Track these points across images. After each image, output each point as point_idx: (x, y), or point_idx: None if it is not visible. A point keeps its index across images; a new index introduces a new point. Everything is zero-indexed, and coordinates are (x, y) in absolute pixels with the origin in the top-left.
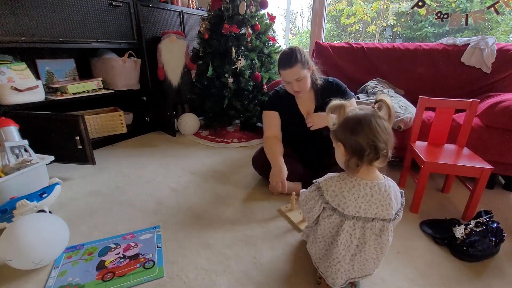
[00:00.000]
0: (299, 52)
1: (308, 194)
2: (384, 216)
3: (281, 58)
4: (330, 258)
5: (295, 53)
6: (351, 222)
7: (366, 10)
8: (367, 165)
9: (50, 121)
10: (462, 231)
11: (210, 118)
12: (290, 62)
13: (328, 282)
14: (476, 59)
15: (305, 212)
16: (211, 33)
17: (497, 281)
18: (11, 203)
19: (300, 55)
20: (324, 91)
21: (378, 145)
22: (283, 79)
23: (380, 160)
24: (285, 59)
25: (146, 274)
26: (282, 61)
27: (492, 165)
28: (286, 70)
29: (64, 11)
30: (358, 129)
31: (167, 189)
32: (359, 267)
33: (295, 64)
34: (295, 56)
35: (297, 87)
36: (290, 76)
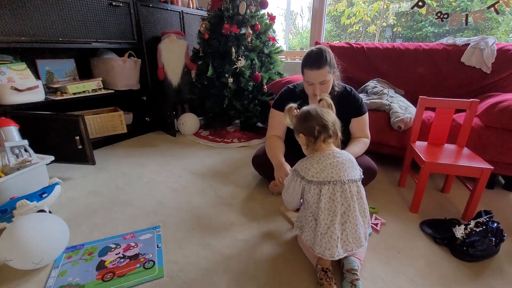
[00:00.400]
0: (329, 54)
1: (288, 180)
2: (355, 176)
3: (310, 57)
4: (320, 229)
5: (325, 54)
6: (328, 186)
7: (366, 11)
8: (323, 143)
9: (50, 121)
10: (462, 231)
11: (210, 118)
12: (320, 63)
13: (326, 257)
14: (476, 59)
15: (289, 197)
16: (211, 33)
17: (497, 281)
18: (11, 203)
19: (329, 57)
20: (340, 99)
21: (326, 125)
22: (307, 79)
23: (332, 138)
24: (314, 59)
25: (146, 274)
26: (311, 61)
27: (492, 165)
28: (313, 71)
29: (64, 11)
30: (308, 117)
31: (167, 189)
32: (352, 236)
33: (324, 65)
34: (325, 57)
35: (318, 90)
36: (316, 78)
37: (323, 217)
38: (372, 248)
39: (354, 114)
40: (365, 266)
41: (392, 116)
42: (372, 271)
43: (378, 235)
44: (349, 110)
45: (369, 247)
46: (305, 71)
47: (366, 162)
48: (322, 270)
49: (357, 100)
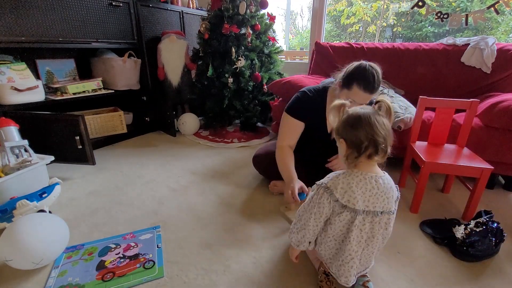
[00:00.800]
0: (380, 76)
1: (313, 200)
2: (389, 208)
3: (367, 77)
4: (343, 256)
5: (379, 77)
6: (361, 217)
7: (366, 10)
8: (367, 159)
9: (50, 121)
10: (462, 231)
11: (210, 118)
12: (375, 87)
13: (341, 281)
14: (476, 59)
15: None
16: (211, 33)
17: (497, 281)
18: (11, 203)
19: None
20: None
21: (377, 140)
22: (352, 97)
23: (379, 155)
24: (372, 80)
25: (146, 274)
26: (368, 81)
27: (492, 165)
28: (366, 93)
29: (64, 11)
30: (357, 125)
31: (167, 189)
32: (365, 261)
33: (377, 90)
34: (379, 81)
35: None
36: (365, 100)
37: (350, 248)
38: None
39: None
40: None
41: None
42: (372, 271)
43: None
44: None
45: None
46: (356, 88)
47: None
48: (324, 273)
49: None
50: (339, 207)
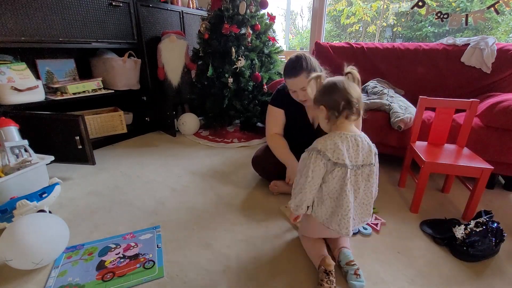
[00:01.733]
0: (305, 60)
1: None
2: (370, 161)
3: (286, 66)
4: (341, 209)
5: (301, 61)
6: (352, 170)
7: (366, 10)
8: (345, 119)
9: (50, 121)
10: (462, 231)
11: (210, 118)
12: (295, 71)
13: (342, 234)
14: (476, 59)
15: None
16: (211, 33)
17: (497, 281)
18: (11, 203)
19: (306, 63)
20: None
21: (351, 100)
22: (288, 87)
23: (354, 114)
24: (290, 68)
25: (146, 274)
26: (287, 70)
27: (492, 165)
28: (290, 79)
29: (64, 11)
30: (334, 89)
31: (167, 189)
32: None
33: (300, 73)
34: (300, 64)
35: (302, 96)
36: (295, 85)
37: (347, 200)
38: (372, 248)
39: None
40: (365, 266)
41: (392, 116)
42: (372, 271)
43: (378, 235)
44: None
45: (369, 247)
46: (286, 79)
47: None
48: (324, 271)
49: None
50: (331, 165)
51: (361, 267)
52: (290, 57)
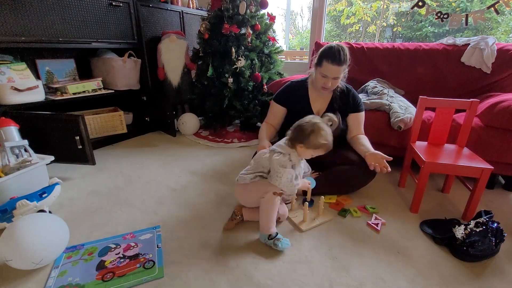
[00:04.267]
0: (348, 53)
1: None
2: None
3: (333, 52)
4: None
5: (346, 52)
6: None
7: (366, 10)
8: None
9: (50, 121)
10: (462, 231)
11: (210, 118)
12: (341, 60)
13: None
14: (476, 59)
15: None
16: (211, 33)
17: (497, 281)
18: (11, 203)
19: (348, 57)
20: (341, 95)
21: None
22: (323, 72)
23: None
24: (338, 55)
25: (146, 274)
26: (334, 56)
27: (492, 165)
28: (334, 66)
29: (64, 11)
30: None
31: (167, 189)
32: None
33: (344, 63)
34: (346, 55)
35: (329, 84)
36: (334, 72)
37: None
38: (372, 248)
39: (352, 110)
40: (365, 266)
41: (392, 116)
42: (372, 271)
43: (378, 235)
44: (348, 105)
45: (369, 247)
46: (325, 63)
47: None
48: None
49: (356, 98)
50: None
51: (361, 267)
52: (332, 45)
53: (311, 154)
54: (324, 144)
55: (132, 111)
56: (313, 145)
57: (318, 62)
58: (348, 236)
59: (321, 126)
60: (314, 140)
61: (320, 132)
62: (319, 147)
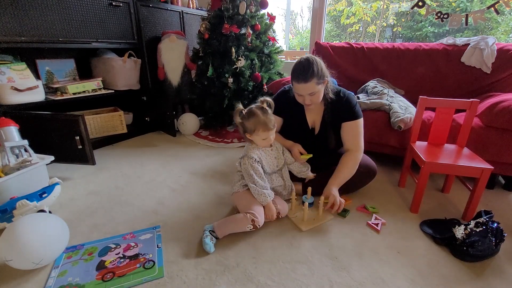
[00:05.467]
0: (316, 65)
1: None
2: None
3: (296, 70)
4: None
5: (312, 66)
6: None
7: (366, 10)
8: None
9: (50, 121)
10: (462, 231)
11: (210, 118)
12: (306, 77)
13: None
14: (476, 59)
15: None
16: (211, 33)
17: (497, 281)
18: (11, 203)
19: (317, 69)
20: (333, 105)
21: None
22: (295, 91)
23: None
24: (300, 72)
25: (146, 274)
26: (297, 74)
27: (492, 165)
28: (299, 84)
29: (64, 11)
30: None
31: (167, 189)
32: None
33: (311, 79)
34: (311, 70)
35: (308, 101)
36: (303, 91)
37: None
38: (372, 248)
39: (346, 118)
40: (365, 266)
41: (392, 116)
42: (372, 271)
43: (378, 235)
44: (341, 114)
45: (369, 247)
46: (293, 83)
47: (366, 162)
48: None
49: (350, 103)
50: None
51: (361, 267)
52: (300, 60)
53: (261, 138)
54: (255, 122)
55: (132, 111)
56: (252, 127)
57: (291, 82)
58: (348, 236)
59: (246, 111)
60: (248, 124)
61: (249, 115)
62: (256, 125)
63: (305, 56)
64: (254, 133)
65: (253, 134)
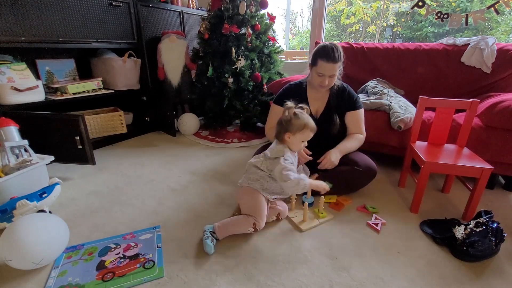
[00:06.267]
0: (340, 51)
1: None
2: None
3: (327, 50)
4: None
5: (339, 50)
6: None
7: (366, 10)
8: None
9: (50, 121)
10: (462, 231)
11: (210, 118)
12: (336, 58)
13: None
14: (476, 59)
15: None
16: (211, 33)
17: (497, 281)
18: (11, 203)
19: (342, 54)
20: (338, 93)
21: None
22: (320, 70)
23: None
24: (332, 53)
25: (146, 274)
26: (328, 54)
27: (492, 165)
28: (329, 63)
29: (64, 11)
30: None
31: (167, 189)
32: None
33: (339, 61)
34: (340, 53)
35: (326, 82)
36: (330, 70)
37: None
38: (372, 248)
39: (349, 108)
40: (365, 266)
41: (392, 116)
42: (372, 271)
43: (378, 235)
44: (344, 104)
45: (369, 247)
46: (320, 62)
47: (366, 161)
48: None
49: (352, 96)
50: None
51: (361, 267)
52: (325, 44)
53: (301, 140)
54: (307, 123)
55: (132, 111)
56: (298, 128)
57: (313, 62)
58: (348, 236)
59: (296, 111)
60: (297, 122)
61: (298, 115)
62: (303, 127)
63: (327, 42)
64: (299, 132)
65: (297, 134)
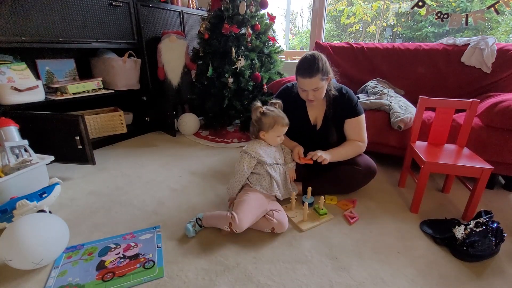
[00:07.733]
0: (321, 61)
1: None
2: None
3: (302, 65)
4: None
5: (317, 62)
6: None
7: (366, 10)
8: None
9: (50, 121)
10: (462, 231)
11: (210, 118)
12: (311, 72)
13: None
14: (476, 59)
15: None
16: (211, 33)
17: (497, 281)
18: (11, 203)
19: (322, 65)
20: (336, 101)
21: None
22: (299, 86)
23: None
24: (306, 67)
25: (146, 274)
26: (302, 69)
27: (492, 165)
28: (305, 79)
29: (64, 11)
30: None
31: (167, 189)
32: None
33: (316, 74)
34: (317, 66)
35: (312, 97)
36: (309, 85)
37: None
38: (372, 248)
39: (348, 116)
40: (365, 266)
41: (392, 116)
42: (372, 271)
43: (378, 235)
44: (343, 111)
45: (369, 247)
46: (298, 78)
47: (366, 161)
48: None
49: (352, 101)
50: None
51: (361, 267)
52: (306, 56)
53: (276, 136)
54: (276, 120)
55: (132, 111)
56: (269, 126)
57: (295, 77)
58: (348, 236)
59: (264, 109)
60: (267, 120)
61: (267, 113)
62: (274, 124)
63: (310, 52)
64: (271, 129)
65: (270, 131)
